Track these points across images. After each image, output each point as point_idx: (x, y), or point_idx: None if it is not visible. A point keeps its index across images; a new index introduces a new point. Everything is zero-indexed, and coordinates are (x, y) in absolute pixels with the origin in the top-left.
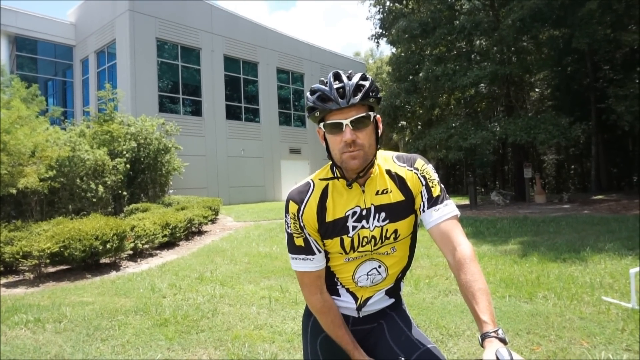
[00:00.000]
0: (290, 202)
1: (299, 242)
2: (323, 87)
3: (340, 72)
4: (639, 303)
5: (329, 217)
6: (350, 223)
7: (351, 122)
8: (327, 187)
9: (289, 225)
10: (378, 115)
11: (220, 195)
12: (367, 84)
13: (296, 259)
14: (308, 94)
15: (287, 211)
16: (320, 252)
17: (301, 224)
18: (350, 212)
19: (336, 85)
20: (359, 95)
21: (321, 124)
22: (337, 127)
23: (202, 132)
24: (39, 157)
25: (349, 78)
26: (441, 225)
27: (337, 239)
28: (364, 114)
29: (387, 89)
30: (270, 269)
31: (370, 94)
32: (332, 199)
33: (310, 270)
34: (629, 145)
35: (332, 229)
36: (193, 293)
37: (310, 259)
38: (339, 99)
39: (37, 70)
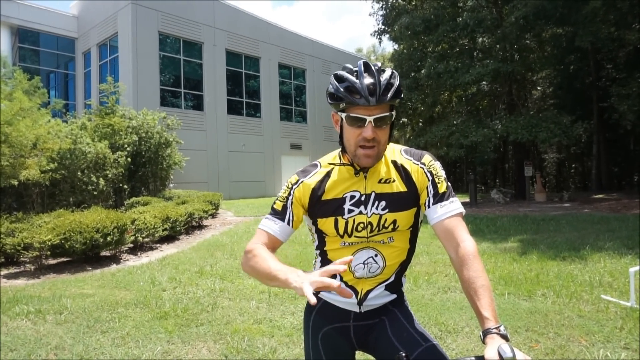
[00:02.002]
0: (294, 175)
1: (278, 205)
2: (352, 77)
3: (370, 64)
4: (637, 302)
5: (326, 196)
6: (347, 206)
7: (374, 119)
8: (331, 170)
9: (281, 192)
10: None
11: (221, 190)
12: (396, 83)
13: (265, 217)
14: (333, 79)
15: (287, 182)
16: (288, 224)
17: (291, 192)
18: (348, 195)
19: (367, 80)
20: (388, 95)
21: (342, 114)
22: (360, 122)
23: (203, 126)
24: (41, 149)
25: (379, 72)
26: (445, 222)
27: (332, 219)
28: (387, 114)
29: None
30: None
31: (398, 95)
32: (332, 180)
33: (266, 230)
34: (630, 145)
35: (327, 207)
36: (193, 287)
37: (274, 221)
38: (369, 97)
39: (39, 62)
